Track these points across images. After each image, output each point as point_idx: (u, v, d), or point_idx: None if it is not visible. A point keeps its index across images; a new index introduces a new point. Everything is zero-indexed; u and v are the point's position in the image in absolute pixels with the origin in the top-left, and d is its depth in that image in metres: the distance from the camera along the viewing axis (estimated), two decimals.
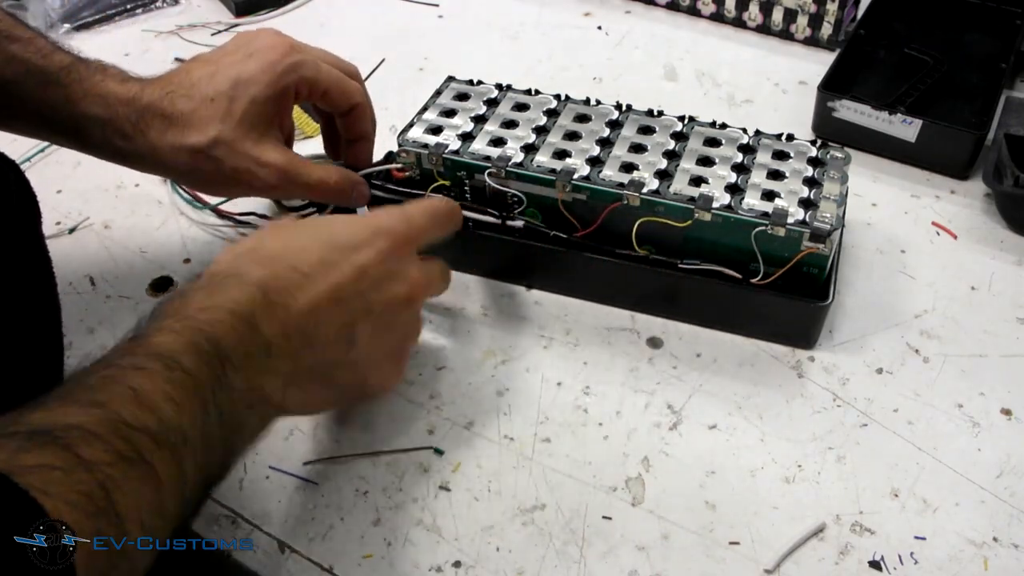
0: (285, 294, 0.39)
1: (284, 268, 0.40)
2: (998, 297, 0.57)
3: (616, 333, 0.55)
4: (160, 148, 0.49)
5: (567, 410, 0.51)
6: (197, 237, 0.62)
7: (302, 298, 0.40)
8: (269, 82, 0.50)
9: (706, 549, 0.44)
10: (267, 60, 0.50)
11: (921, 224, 0.62)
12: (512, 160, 0.54)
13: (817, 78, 0.68)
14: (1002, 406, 0.51)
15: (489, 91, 0.59)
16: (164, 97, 0.49)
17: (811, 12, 0.78)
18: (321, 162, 0.55)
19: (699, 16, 0.84)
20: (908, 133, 0.65)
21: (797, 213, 0.50)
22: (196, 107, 0.49)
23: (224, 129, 0.49)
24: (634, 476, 0.47)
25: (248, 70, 0.50)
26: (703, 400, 0.51)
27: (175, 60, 0.79)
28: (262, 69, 0.50)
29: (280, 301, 0.39)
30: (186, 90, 0.49)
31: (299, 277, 0.40)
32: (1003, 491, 0.46)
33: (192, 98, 0.49)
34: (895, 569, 0.43)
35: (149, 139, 0.49)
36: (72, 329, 0.55)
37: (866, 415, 0.50)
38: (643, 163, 0.53)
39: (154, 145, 0.49)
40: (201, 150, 0.49)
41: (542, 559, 0.44)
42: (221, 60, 0.50)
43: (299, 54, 0.51)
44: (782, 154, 0.54)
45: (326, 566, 0.44)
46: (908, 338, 0.54)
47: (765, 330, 0.54)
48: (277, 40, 0.51)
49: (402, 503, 0.46)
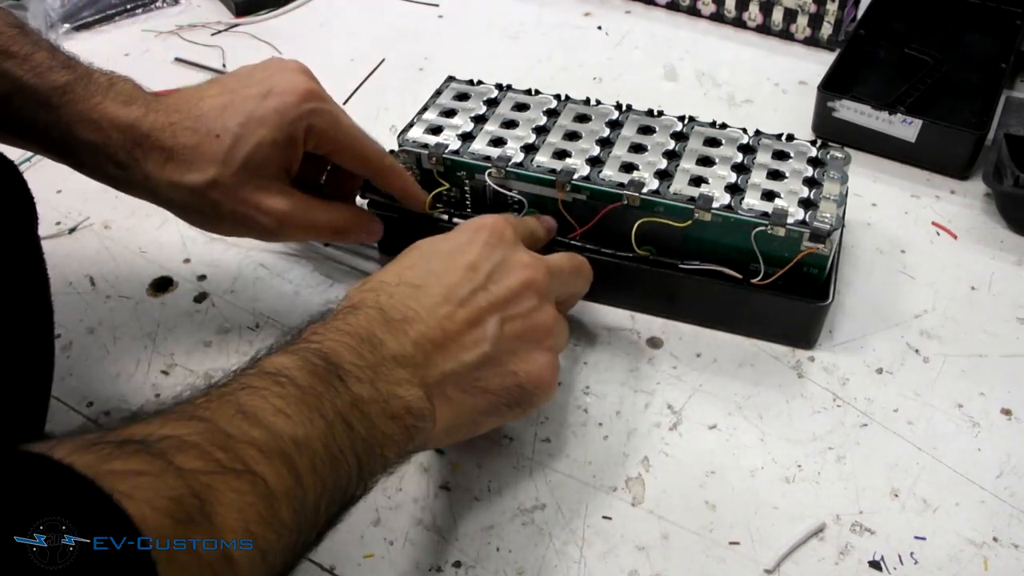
0: (402, 308, 0.40)
1: (396, 286, 0.41)
2: (998, 297, 0.57)
3: (616, 333, 0.55)
4: (157, 181, 0.46)
5: (567, 410, 0.51)
6: (197, 237, 0.62)
7: (420, 308, 0.40)
8: (279, 126, 0.47)
9: (706, 549, 0.44)
10: (283, 103, 0.47)
11: (921, 224, 0.62)
12: (512, 160, 0.54)
13: (817, 78, 0.68)
14: (1002, 406, 0.51)
15: (489, 91, 0.59)
16: (167, 127, 0.46)
17: (811, 12, 0.78)
18: None
19: (699, 16, 0.84)
20: (908, 133, 0.65)
21: (797, 213, 0.50)
22: (199, 142, 0.46)
23: (224, 172, 0.46)
24: (634, 476, 0.47)
25: (261, 110, 0.47)
26: (703, 400, 0.51)
27: (175, 60, 0.79)
28: (276, 110, 0.47)
29: (399, 316, 0.39)
30: (192, 121, 0.46)
31: (412, 289, 0.41)
32: (1003, 491, 0.46)
33: (197, 131, 0.46)
34: (895, 569, 0.43)
35: (145, 170, 0.46)
36: (72, 329, 0.55)
37: (866, 415, 0.50)
38: (643, 163, 0.53)
39: (150, 177, 0.46)
40: (199, 190, 0.46)
41: (542, 559, 0.44)
42: (237, 92, 0.48)
43: (319, 102, 0.48)
44: (782, 154, 0.54)
45: (326, 566, 0.44)
46: (908, 338, 0.54)
47: (765, 330, 0.54)
48: (300, 82, 0.48)
49: (402, 503, 0.46)
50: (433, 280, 0.42)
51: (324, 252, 0.61)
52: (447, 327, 0.40)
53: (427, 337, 0.39)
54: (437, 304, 0.41)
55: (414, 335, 0.39)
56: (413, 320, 0.40)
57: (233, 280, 0.59)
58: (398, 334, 0.39)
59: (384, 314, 0.39)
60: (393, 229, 0.58)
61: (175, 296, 0.58)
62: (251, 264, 0.60)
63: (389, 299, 0.40)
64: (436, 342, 0.40)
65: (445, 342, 0.40)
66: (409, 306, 0.40)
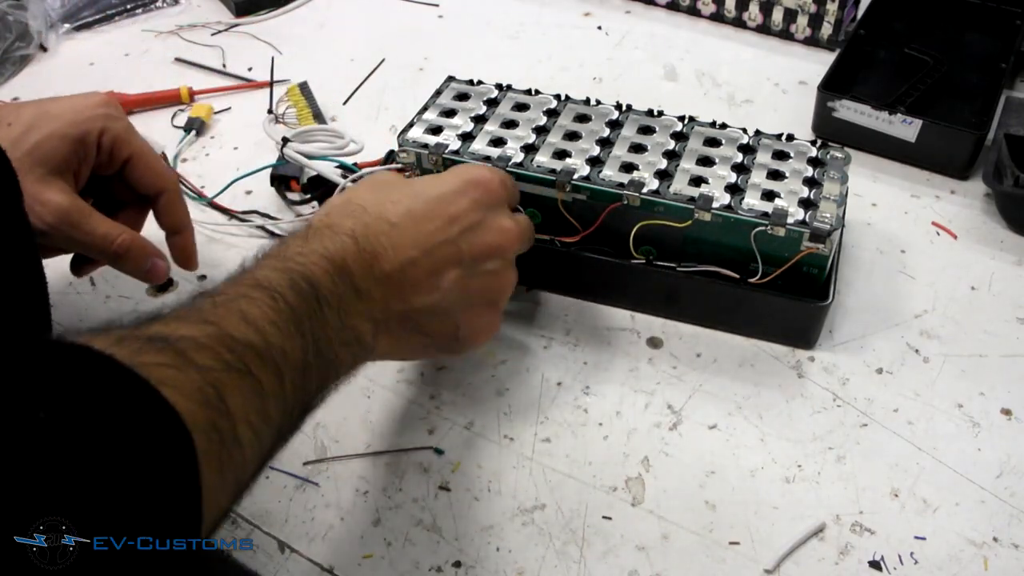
0: (374, 242, 0.42)
1: (374, 219, 0.43)
2: (998, 297, 0.57)
3: (616, 333, 0.55)
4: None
5: (567, 410, 0.51)
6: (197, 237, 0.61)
7: (390, 246, 0.42)
8: (73, 122, 0.48)
9: (706, 549, 0.44)
10: (81, 104, 0.49)
11: (921, 224, 0.62)
12: (512, 160, 0.54)
13: (817, 78, 0.68)
14: (1002, 406, 0.51)
15: (489, 91, 0.59)
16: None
17: (811, 12, 0.78)
18: None
19: (699, 16, 0.84)
20: (908, 133, 0.65)
21: (797, 213, 0.50)
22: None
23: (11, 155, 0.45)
24: (634, 476, 0.47)
25: (56, 108, 0.48)
26: (703, 400, 0.51)
27: (175, 60, 0.79)
28: (72, 108, 0.49)
29: (369, 248, 0.41)
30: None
31: (387, 226, 0.42)
32: (1003, 491, 0.46)
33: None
34: (895, 569, 0.43)
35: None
36: (72, 329, 0.55)
37: (866, 415, 0.50)
38: (643, 163, 0.53)
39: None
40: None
41: (542, 559, 0.44)
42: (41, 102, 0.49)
43: (118, 113, 0.50)
44: (782, 154, 0.54)
45: (326, 566, 0.44)
46: (908, 338, 0.54)
47: (765, 330, 0.54)
48: (104, 98, 0.50)
49: (402, 503, 0.46)
50: (410, 223, 0.43)
51: None
52: (408, 272, 0.42)
53: (388, 277, 0.42)
54: (406, 247, 0.42)
55: (378, 273, 0.41)
56: (380, 257, 0.42)
57: None
58: (365, 269, 0.41)
59: (357, 244, 0.41)
60: None
61: (175, 296, 0.58)
62: None
63: (364, 230, 0.42)
64: (395, 283, 0.42)
65: (403, 285, 0.42)
66: (381, 242, 0.42)
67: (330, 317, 0.38)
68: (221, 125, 0.72)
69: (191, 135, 0.70)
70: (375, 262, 0.41)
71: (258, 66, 0.78)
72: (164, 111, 0.73)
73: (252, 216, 0.62)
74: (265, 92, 0.75)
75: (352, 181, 0.57)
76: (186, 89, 0.74)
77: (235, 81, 0.77)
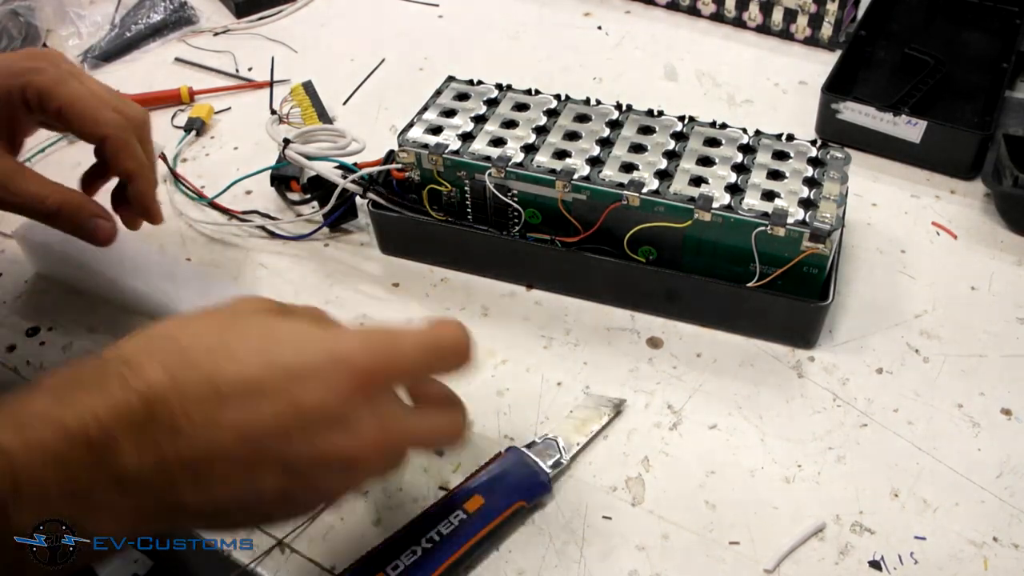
0: (180, 413, 0.31)
1: (197, 376, 0.32)
2: (998, 297, 0.57)
3: (616, 333, 0.55)
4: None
5: (567, 410, 0.51)
6: (197, 237, 0.62)
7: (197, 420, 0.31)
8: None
9: (706, 549, 0.44)
10: (5, 61, 0.46)
11: (921, 224, 0.62)
12: (512, 160, 0.54)
13: (817, 78, 0.68)
14: (1002, 406, 0.51)
15: (489, 91, 0.59)
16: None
17: (811, 12, 0.78)
18: None
19: (699, 16, 0.84)
20: (912, 134, 0.65)
21: (797, 213, 0.50)
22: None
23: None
24: (634, 476, 0.47)
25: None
26: (703, 400, 0.51)
27: (175, 60, 0.79)
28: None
29: (169, 422, 0.31)
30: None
31: (211, 393, 0.31)
32: (1003, 491, 0.46)
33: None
34: (895, 569, 0.43)
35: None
36: (72, 330, 0.55)
37: (866, 415, 0.50)
38: (643, 163, 0.53)
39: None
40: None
41: (542, 559, 0.44)
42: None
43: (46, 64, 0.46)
44: (782, 154, 0.54)
45: (326, 566, 0.44)
46: (908, 338, 0.54)
47: (765, 330, 0.54)
48: (31, 52, 0.48)
49: (402, 503, 0.46)
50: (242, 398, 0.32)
51: (324, 253, 0.61)
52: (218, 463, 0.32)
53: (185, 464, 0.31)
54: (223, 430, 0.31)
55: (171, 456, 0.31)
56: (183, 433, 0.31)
57: (233, 280, 0.59)
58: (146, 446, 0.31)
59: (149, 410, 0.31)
60: (394, 229, 0.58)
61: None
62: (251, 264, 0.60)
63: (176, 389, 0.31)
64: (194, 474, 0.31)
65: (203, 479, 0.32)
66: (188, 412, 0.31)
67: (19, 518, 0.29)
68: (221, 125, 0.72)
69: (191, 135, 0.70)
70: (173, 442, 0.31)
71: (258, 66, 0.78)
72: (164, 111, 0.73)
73: (252, 216, 0.62)
74: (265, 92, 0.75)
75: (352, 182, 0.57)
76: (186, 89, 0.74)
77: (235, 81, 0.77)
